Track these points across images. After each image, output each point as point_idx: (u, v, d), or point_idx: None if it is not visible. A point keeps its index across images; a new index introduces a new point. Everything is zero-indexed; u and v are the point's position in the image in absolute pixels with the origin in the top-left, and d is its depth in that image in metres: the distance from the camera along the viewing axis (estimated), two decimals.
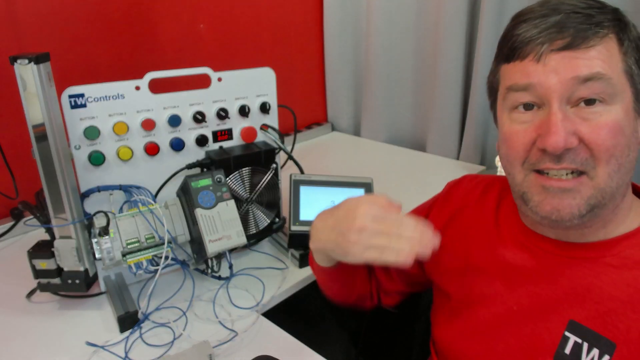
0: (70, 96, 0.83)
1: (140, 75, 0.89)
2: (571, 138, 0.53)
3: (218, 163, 0.94)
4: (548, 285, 0.61)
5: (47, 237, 0.85)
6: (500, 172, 1.22)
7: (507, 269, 0.66)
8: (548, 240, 0.63)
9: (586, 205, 0.55)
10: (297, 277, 0.98)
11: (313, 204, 1.00)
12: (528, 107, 0.56)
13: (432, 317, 0.78)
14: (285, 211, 1.08)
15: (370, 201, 0.62)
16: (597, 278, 0.58)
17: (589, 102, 0.53)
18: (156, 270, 0.86)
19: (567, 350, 0.58)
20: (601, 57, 0.52)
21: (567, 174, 0.55)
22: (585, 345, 0.56)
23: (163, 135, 0.93)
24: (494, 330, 0.65)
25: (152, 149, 0.91)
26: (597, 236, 0.60)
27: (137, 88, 0.88)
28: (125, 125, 0.88)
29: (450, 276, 0.73)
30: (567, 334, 0.58)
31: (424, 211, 0.81)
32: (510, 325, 0.64)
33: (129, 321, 0.83)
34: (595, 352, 0.55)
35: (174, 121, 0.92)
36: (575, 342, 0.57)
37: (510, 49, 0.56)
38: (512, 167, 0.59)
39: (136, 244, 0.84)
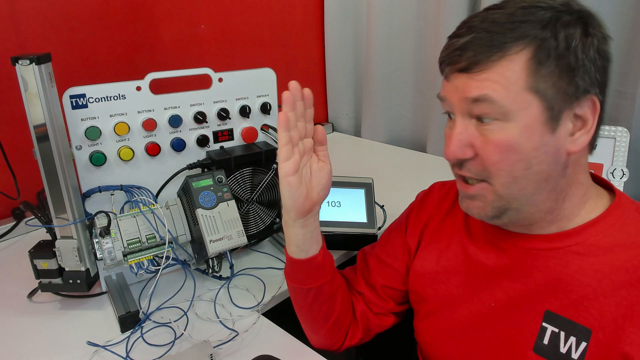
0: (72, 96, 0.83)
1: (141, 76, 0.89)
2: (466, 150, 0.58)
3: (219, 163, 0.94)
4: (521, 278, 0.63)
5: (48, 237, 0.85)
6: None
7: (481, 268, 0.68)
8: (515, 235, 0.65)
9: (492, 209, 0.60)
10: None
11: None
12: (452, 115, 0.61)
13: (414, 324, 0.79)
14: None
15: None
16: (566, 267, 0.60)
17: (483, 119, 0.57)
18: (157, 270, 0.86)
19: (546, 341, 0.60)
20: (494, 79, 0.55)
21: (471, 180, 0.61)
22: (562, 334, 0.58)
23: (164, 136, 0.93)
24: (474, 329, 0.67)
25: (153, 149, 0.92)
26: (558, 227, 0.62)
27: (138, 88, 0.89)
28: (126, 126, 0.88)
29: (426, 280, 0.75)
30: (544, 324, 0.60)
31: (402, 223, 0.83)
32: (489, 322, 0.66)
33: (130, 321, 0.83)
34: (572, 339, 0.57)
35: (175, 121, 0.93)
36: (553, 332, 0.59)
37: (439, 64, 0.63)
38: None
39: (137, 244, 0.84)
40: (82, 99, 0.84)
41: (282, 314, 0.91)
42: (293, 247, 0.73)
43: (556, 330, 0.59)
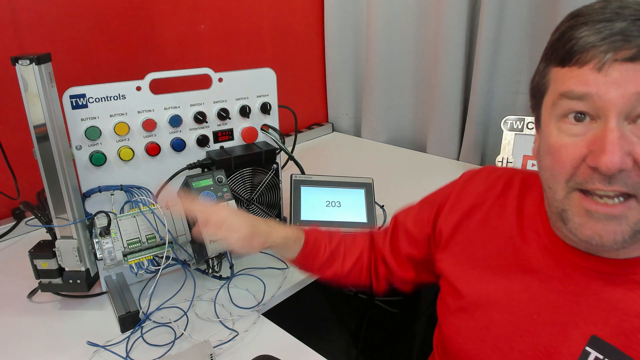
0: (72, 96, 0.83)
1: (141, 76, 0.89)
2: (626, 159, 0.49)
3: (219, 163, 0.94)
4: (572, 297, 0.59)
5: (48, 237, 0.85)
6: None
7: (529, 273, 0.63)
8: (576, 251, 0.59)
9: (631, 232, 0.51)
10: (297, 277, 0.98)
11: (314, 204, 1.00)
12: (579, 117, 0.52)
13: (440, 312, 0.74)
14: (286, 211, 1.09)
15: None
16: (624, 295, 0.56)
17: None
18: (157, 270, 0.86)
19: None
20: None
21: (615, 198, 0.51)
22: None
23: (164, 136, 0.93)
24: (510, 336, 0.63)
25: (153, 149, 0.92)
26: (629, 255, 0.57)
27: (138, 88, 0.89)
28: (126, 126, 0.88)
29: (464, 274, 0.70)
30: (587, 349, 0.56)
31: (437, 202, 0.78)
32: (528, 334, 0.61)
33: (130, 321, 0.83)
34: None
35: (175, 121, 0.93)
36: (596, 358, 0.55)
37: (567, 52, 0.52)
38: (555, 183, 0.55)
39: (137, 244, 0.84)
40: (82, 99, 0.84)
41: (282, 314, 0.91)
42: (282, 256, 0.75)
43: (601, 357, 0.55)
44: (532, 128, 1.11)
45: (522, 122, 1.12)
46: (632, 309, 0.55)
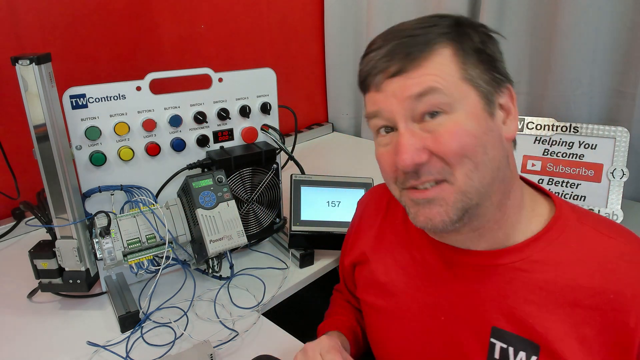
0: (72, 96, 0.83)
1: (141, 76, 0.89)
2: (420, 153, 0.56)
3: (219, 163, 0.94)
4: (468, 294, 0.63)
5: (48, 237, 0.85)
6: None
7: (427, 278, 0.68)
8: (457, 249, 0.65)
9: (454, 210, 0.57)
10: (297, 277, 0.98)
11: (314, 204, 1.00)
12: (387, 130, 0.60)
13: (369, 338, 0.79)
14: (286, 211, 1.09)
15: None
16: (510, 284, 0.60)
17: (432, 115, 0.56)
18: (157, 270, 0.86)
19: (497, 356, 0.60)
20: (432, 72, 0.55)
21: (430, 185, 0.58)
22: (511, 350, 0.59)
23: (164, 136, 0.93)
24: (428, 342, 0.67)
25: (153, 149, 0.92)
26: (497, 237, 0.61)
27: (138, 88, 0.89)
28: (126, 126, 0.88)
29: (375, 290, 0.74)
30: (492, 340, 0.61)
31: (350, 238, 0.83)
32: (441, 336, 0.66)
33: (130, 321, 0.83)
34: (522, 354, 0.58)
35: (175, 121, 0.93)
36: (502, 347, 0.60)
37: (360, 82, 0.62)
38: (389, 186, 0.64)
39: (137, 244, 0.84)
40: (82, 99, 0.84)
41: (282, 314, 0.91)
42: None
43: (504, 346, 0.60)
44: (532, 128, 1.13)
45: (522, 122, 1.12)
46: (519, 297, 0.59)
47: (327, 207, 1.01)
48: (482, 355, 0.62)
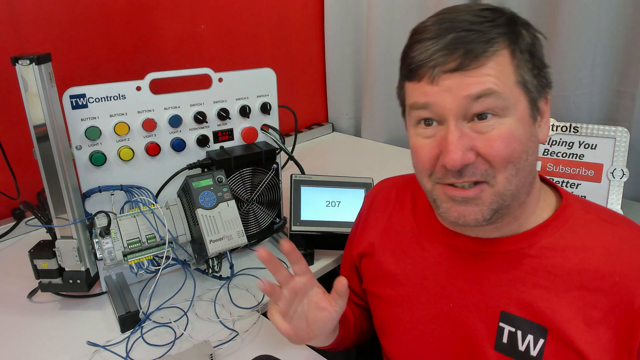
0: (72, 96, 0.83)
1: (141, 76, 0.89)
2: (468, 154, 0.56)
3: (219, 163, 0.94)
4: (476, 280, 0.65)
5: (48, 237, 0.85)
6: None
7: (437, 270, 0.69)
8: (466, 237, 0.66)
9: (489, 211, 0.59)
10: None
11: (314, 204, 1.00)
12: (428, 122, 0.59)
13: (377, 329, 0.79)
14: (286, 211, 1.09)
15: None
16: (518, 269, 0.62)
17: (482, 116, 0.56)
18: (157, 270, 0.86)
19: (505, 340, 0.62)
20: (492, 74, 0.55)
21: (469, 185, 0.58)
22: (520, 333, 0.61)
23: (164, 136, 0.93)
24: (435, 329, 0.68)
25: (153, 149, 0.92)
26: (511, 228, 0.63)
27: (138, 88, 0.89)
28: (126, 126, 0.88)
29: (384, 280, 0.75)
30: (501, 324, 0.62)
31: (358, 231, 0.83)
32: (449, 323, 0.67)
33: (130, 321, 0.83)
34: (530, 337, 0.60)
35: (175, 121, 0.93)
36: (510, 331, 0.61)
37: (408, 69, 0.60)
38: (422, 177, 0.64)
39: (137, 244, 0.84)
40: (82, 99, 0.84)
41: None
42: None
43: (513, 329, 0.61)
44: None
45: None
46: (528, 281, 0.61)
47: (327, 207, 1.01)
48: (491, 340, 0.63)
